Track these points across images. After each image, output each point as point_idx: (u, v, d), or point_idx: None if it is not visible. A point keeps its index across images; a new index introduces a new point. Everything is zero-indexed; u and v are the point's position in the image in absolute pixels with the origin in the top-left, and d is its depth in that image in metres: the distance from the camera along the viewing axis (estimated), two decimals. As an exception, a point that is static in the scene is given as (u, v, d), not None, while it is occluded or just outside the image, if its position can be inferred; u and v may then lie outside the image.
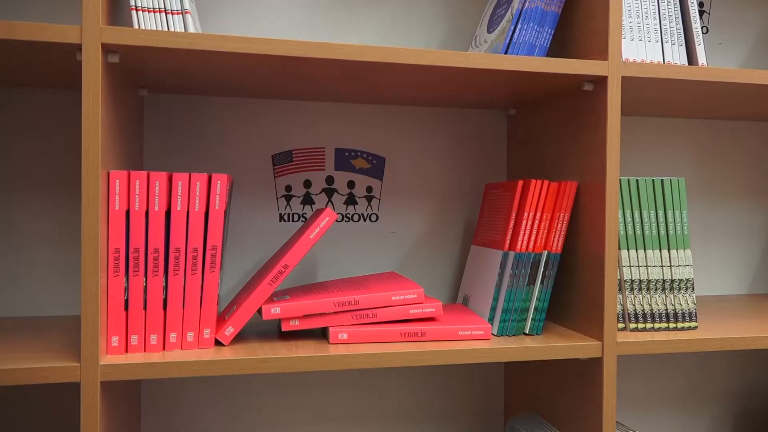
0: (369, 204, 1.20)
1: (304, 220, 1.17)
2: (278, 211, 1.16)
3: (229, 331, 0.88)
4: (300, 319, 0.90)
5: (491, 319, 0.99)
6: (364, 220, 1.20)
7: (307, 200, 1.18)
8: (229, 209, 1.04)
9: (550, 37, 0.99)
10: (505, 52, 0.97)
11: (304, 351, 0.85)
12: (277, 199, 1.16)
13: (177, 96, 1.12)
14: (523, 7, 0.98)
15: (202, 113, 1.13)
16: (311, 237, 0.89)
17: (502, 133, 1.27)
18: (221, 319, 0.93)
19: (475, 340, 0.94)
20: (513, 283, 0.98)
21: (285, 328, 0.90)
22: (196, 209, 0.84)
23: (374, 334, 0.91)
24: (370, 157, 1.20)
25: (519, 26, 0.97)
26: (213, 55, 0.82)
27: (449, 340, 0.93)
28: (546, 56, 1.04)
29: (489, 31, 1.08)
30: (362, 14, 1.19)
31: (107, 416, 0.83)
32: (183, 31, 0.83)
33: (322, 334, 0.97)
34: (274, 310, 0.89)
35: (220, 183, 0.85)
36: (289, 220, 1.17)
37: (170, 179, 0.84)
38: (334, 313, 0.91)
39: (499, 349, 0.90)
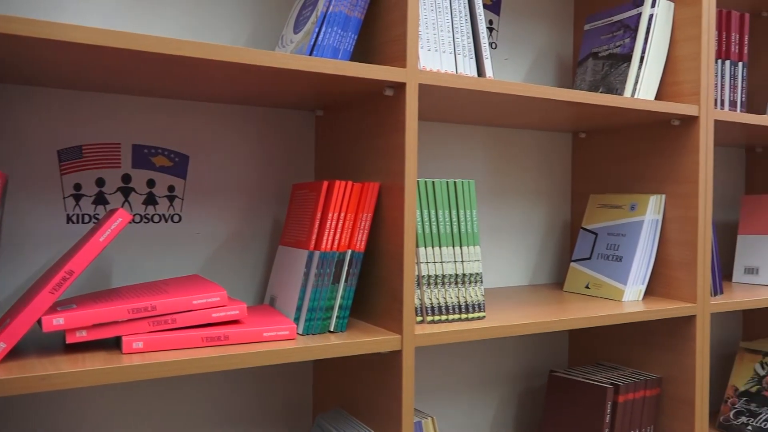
0: (171, 204, 1.15)
1: (96, 221, 1.08)
2: (65, 211, 1.06)
3: (0, 347, 0.78)
4: (88, 330, 0.83)
5: (297, 319, 0.99)
6: (166, 221, 1.14)
7: (100, 200, 1.09)
8: (3, 210, 0.92)
9: (354, 41, 1.02)
10: (310, 54, 0.98)
11: (93, 363, 0.79)
12: (63, 198, 1.06)
13: (-64, 79, 0.97)
14: (327, 11, 0.99)
15: (-31, 100, 0.99)
16: (101, 240, 0.83)
17: (310, 133, 1.28)
18: (-8, 333, 0.82)
19: (281, 340, 0.93)
20: (318, 282, 0.99)
21: (70, 340, 0.82)
22: (-42, 210, 0.74)
23: (173, 340, 0.87)
24: (172, 155, 1.15)
25: (323, 29, 0.99)
26: (-22, 36, 0.72)
27: (254, 342, 0.92)
28: (350, 60, 1.07)
29: (295, 32, 1.08)
30: (167, 5, 1.13)
31: None
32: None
33: (116, 345, 0.90)
34: (57, 321, 0.81)
35: (-11, 180, 0.75)
36: (78, 222, 1.07)
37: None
38: (129, 320, 0.85)
39: (304, 348, 0.91)
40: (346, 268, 1.01)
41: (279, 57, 0.88)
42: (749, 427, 1.63)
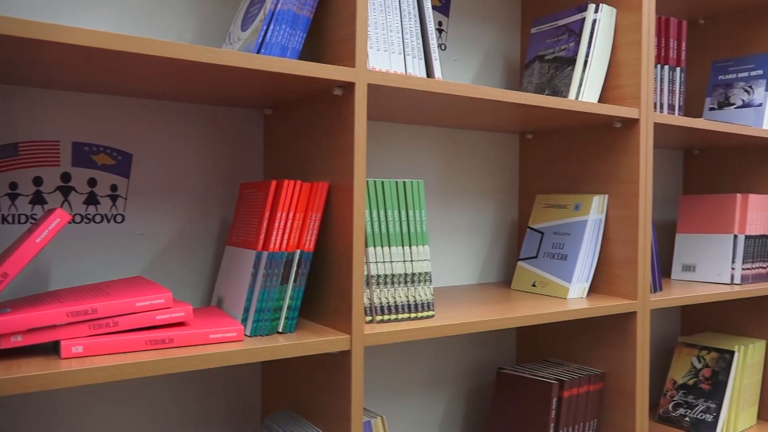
0: (114, 204, 1.11)
1: (33, 221, 1.04)
2: (0, 211, 1.02)
3: (-71, 353, 0.74)
4: (24, 334, 0.80)
5: (245, 320, 0.98)
6: (108, 221, 1.11)
7: (38, 199, 1.05)
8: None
9: (302, 40, 1.01)
10: (258, 52, 0.97)
11: (29, 369, 0.76)
12: (-2, 197, 1.01)
13: None
14: (275, 8, 0.98)
15: None
16: (38, 241, 0.80)
17: (258, 132, 1.26)
18: None
19: (228, 342, 0.92)
20: (266, 282, 0.98)
21: (5, 345, 0.79)
22: None
23: (115, 344, 0.84)
24: (114, 153, 1.11)
25: (272, 27, 0.98)
26: None
27: (200, 345, 0.90)
28: (298, 59, 1.06)
29: (243, 29, 1.07)
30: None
31: None
32: None
33: (54, 349, 0.87)
34: (-10, 326, 0.77)
35: None
36: (14, 222, 1.03)
37: None
38: (68, 324, 0.83)
39: (251, 349, 0.90)
40: (294, 268, 1.00)
41: (226, 54, 0.87)
42: (687, 419, 1.69)
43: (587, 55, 1.35)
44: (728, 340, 1.76)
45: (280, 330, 1.00)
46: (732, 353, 1.67)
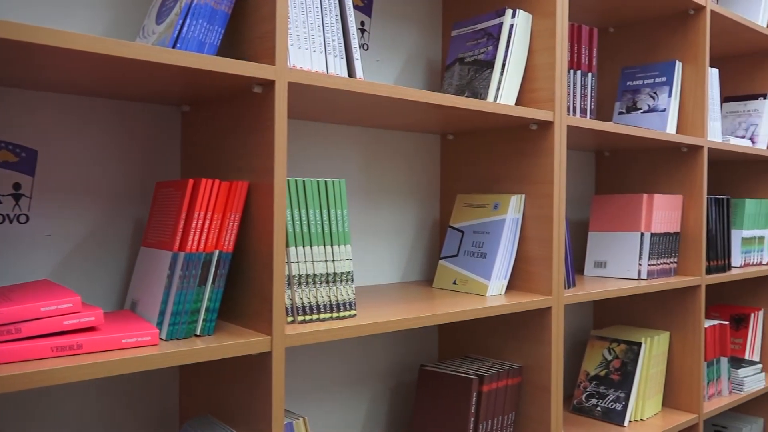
0: (17, 203, 1.05)
1: (-75, 222, 0.97)
2: None
3: None
4: None
5: (160, 324, 0.95)
6: (11, 222, 1.04)
7: (-69, 198, 0.97)
8: None
9: (220, 36, 0.99)
10: (173, 46, 0.94)
11: None
12: None
13: None
14: (192, 2, 0.96)
15: None
16: (-71, 243, 0.74)
17: (175, 129, 1.22)
18: None
19: (141, 347, 0.89)
20: (183, 284, 0.95)
21: None
22: None
23: (18, 351, 0.80)
24: (17, 150, 1.05)
25: (188, 21, 0.95)
26: None
27: (111, 350, 0.86)
28: (216, 55, 1.03)
29: (158, 23, 1.03)
30: (6, -16, 1.03)
31: None
32: None
33: (-52, 359, 0.81)
34: None
35: None
36: None
37: None
38: (-36, 331, 0.77)
39: (167, 354, 0.87)
40: (213, 269, 0.98)
41: (139, 48, 0.84)
42: (599, 408, 1.78)
43: (505, 59, 1.38)
44: (636, 332, 1.86)
45: (198, 333, 0.97)
46: (639, 345, 1.76)
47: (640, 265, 1.72)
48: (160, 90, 1.06)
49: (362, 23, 1.51)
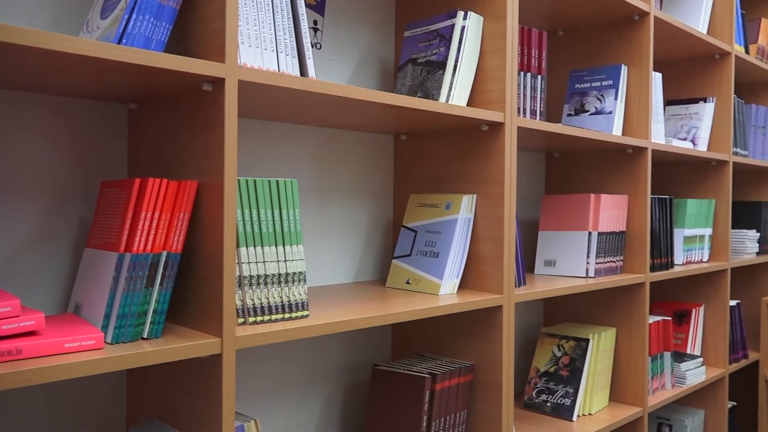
0: (-48, 203, 1.00)
1: None
2: None
3: None
4: None
5: (105, 327, 0.92)
6: (-55, 223, 1.00)
7: None
8: None
9: (168, 32, 0.97)
10: (119, 42, 0.91)
11: None
12: None
13: None
14: (138, -2, 0.93)
15: None
16: None
17: (122, 127, 1.19)
18: None
19: (85, 351, 0.86)
20: (129, 286, 0.93)
21: None
22: None
23: (-48, 358, 0.76)
24: (-48, 147, 1.01)
25: (134, 16, 0.93)
26: None
27: (54, 355, 0.83)
28: (164, 51, 1.01)
29: (102, 17, 1.00)
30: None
31: None
32: None
33: None
34: None
35: None
36: None
37: None
38: None
39: (112, 358, 0.84)
40: (161, 270, 0.96)
41: (83, 44, 0.81)
42: (548, 404, 1.81)
43: (457, 60, 1.40)
44: (584, 329, 1.90)
45: (145, 336, 0.95)
46: (587, 341, 1.81)
47: (588, 263, 1.76)
48: (105, 87, 1.03)
49: (315, 22, 1.50)
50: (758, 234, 2.59)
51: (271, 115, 1.35)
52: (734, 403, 2.48)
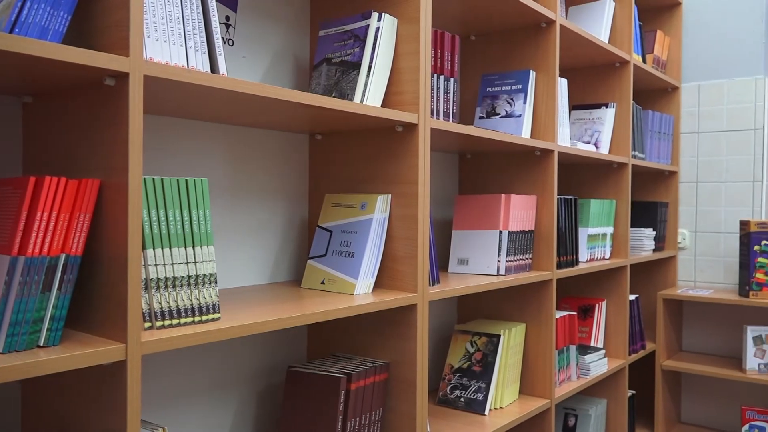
0: None
1: None
2: None
3: None
4: None
5: (-4, 335, 0.86)
6: None
7: None
8: None
9: (67, 22, 0.92)
10: (10, 31, 0.86)
11: None
12: None
13: None
14: (33, -16, 0.88)
15: None
16: None
17: (15, 122, 1.12)
18: None
19: (-27, 362, 0.80)
20: (23, 291, 0.87)
21: None
22: None
23: None
24: None
25: (28, 4, 0.87)
26: None
27: (-65, 367, 0.77)
28: (62, 43, 0.96)
29: (-7, 4, 0.94)
30: None
31: None
32: None
33: None
34: None
35: None
36: None
37: None
38: None
39: (4, 368, 0.79)
40: (59, 274, 0.91)
41: (-33, 31, 0.75)
42: (462, 399, 1.86)
43: (371, 61, 1.41)
44: (495, 325, 1.96)
45: (42, 344, 0.89)
46: (498, 337, 1.87)
47: (498, 261, 1.82)
48: (-4, 78, 0.96)
49: (227, 18, 1.47)
50: (654, 232, 2.76)
51: (181, 112, 1.30)
52: (633, 392, 2.63)
